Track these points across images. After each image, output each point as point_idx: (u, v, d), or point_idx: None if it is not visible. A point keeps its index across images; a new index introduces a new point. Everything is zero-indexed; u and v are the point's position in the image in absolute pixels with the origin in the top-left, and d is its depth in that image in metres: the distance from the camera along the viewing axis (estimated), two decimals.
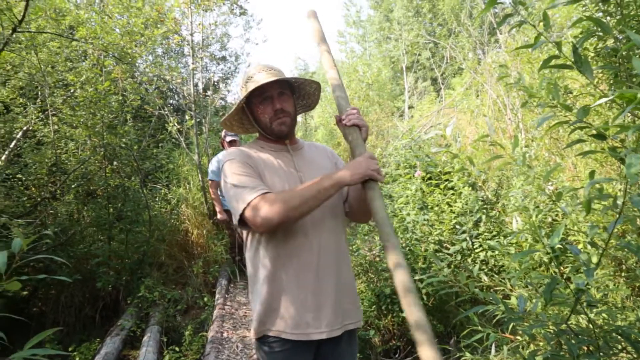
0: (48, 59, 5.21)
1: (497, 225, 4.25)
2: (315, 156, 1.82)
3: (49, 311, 4.96)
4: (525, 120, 6.50)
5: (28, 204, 5.03)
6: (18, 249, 1.18)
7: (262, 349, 1.67)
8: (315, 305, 1.60)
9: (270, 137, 1.75)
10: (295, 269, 1.62)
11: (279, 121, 1.69)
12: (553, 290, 1.57)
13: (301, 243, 1.62)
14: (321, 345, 1.65)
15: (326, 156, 1.86)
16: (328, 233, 1.67)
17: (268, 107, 1.68)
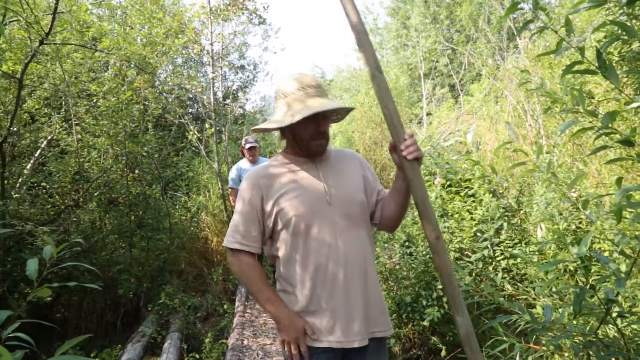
0: (72, 70, 5.32)
1: (519, 233, 4.18)
2: (343, 165, 1.80)
3: (72, 317, 5.03)
4: (546, 127, 6.40)
5: (52, 212, 5.13)
6: (49, 257, 1.20)
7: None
8: (345, 315, 1.61)
9: (302, 152, 1.72)
10: (322, 279, 1.62)
11: (318, 142, 1.67)
12: (582, 300, 1.53)
13: (327, 254, 1.62)
14: (348, 353, 1.65)
15: (355, 165, 1.82)
16: (354, 243, 1.66)
17: (311, 126, 1.63)
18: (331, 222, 1.63)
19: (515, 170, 5.76)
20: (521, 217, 4.20)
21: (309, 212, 1.62)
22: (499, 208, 4.29)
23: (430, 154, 5.86)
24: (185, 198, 7.29)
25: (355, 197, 1.71)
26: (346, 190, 1.70)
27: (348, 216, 1.66)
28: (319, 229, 1.63)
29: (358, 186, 1.75)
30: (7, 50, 4.32)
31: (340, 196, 1.68)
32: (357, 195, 1.72)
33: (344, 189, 1.70)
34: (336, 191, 1.68)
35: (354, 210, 1.69)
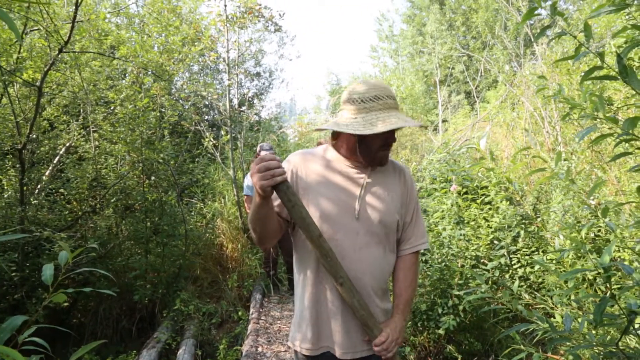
0: (90, 78, 5.41)
1: (536, 241, 4.12)
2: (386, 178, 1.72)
3: (88, 323, 5.07)
4: (564, 134, 6.32)
5: (69, 218, 5.20)
6: (64, 262, 1.21)
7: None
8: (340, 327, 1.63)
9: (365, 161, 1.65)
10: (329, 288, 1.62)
11: (384, 153, 1.63)
12: (603, 310, 1.49)
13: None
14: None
15: (399, 179, 1.74)
16: (370, 261, 1.63)
17: (382, 138, 1.59)
18: (354, 234, 1.60)
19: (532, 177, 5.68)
20: (538, 225, 4.14)
21: (333, 216, 1.60)
22: (516, 216, 4.23)
23: (446, 161, 5.82)
24: (200, 204, 7.34)
25: (385, 220, 1.64)
26: (379, 212, 1.63)
27: (373, 234, 1.62)
28: (340, 237, 1.60)
29: (394, 209, 1.68)
30: (27, 58, 4.41)
31: (371, 216, 1.62)
32: (388, 218, 1.65)
33: (378, 209, 1.64)
34: (369, 210, 1.63)
35: (380, 230, 1.64)
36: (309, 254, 1.64)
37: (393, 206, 1.67)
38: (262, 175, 1.38)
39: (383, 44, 23.15)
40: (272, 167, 1.39)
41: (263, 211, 1.50)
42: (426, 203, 5.25)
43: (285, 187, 1.43)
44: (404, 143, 10.46)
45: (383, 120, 1.53)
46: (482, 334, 4.04)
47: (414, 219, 1.75)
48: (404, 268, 1.74)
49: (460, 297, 3.67)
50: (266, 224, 1.55)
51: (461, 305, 3.67)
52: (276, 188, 1.42)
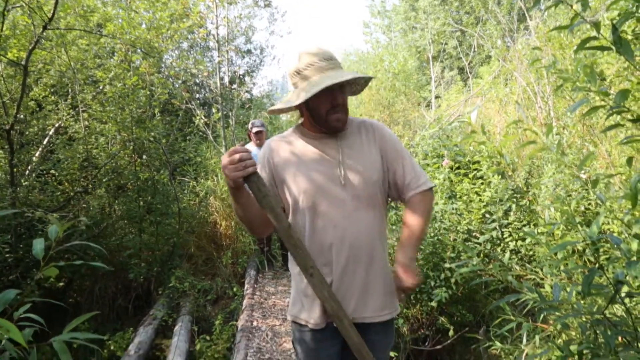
0: (77, 57, 5.31)
1: (527, 215, 4.16)
2: (363, 141, 1.70)
3: (84, 302, 5.11)
4: (556, 108, 6.33)
5: (61, 199, 5.18)
6: (55, 236, 1.21)
7: (294, 332, 1.76)
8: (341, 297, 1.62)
9: (322, 128, 1.65)
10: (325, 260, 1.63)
11: (336, 116, 1.60)
12: (591, 281, 1.52)
13: (332, 235, 1.61)
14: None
15: (375, 139, 1.71)
16: (363, 225, 1.62)
17: (327, 100, 1.58)
18: (341, 203, 1.60)
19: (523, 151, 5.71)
20: (530, 199, 4.18)
21: (318, 190, 1.59)
22: (508, 190, 4.27)
23: (439, 136, 5.83)
24: (193, 183, 7.33)
25: (370, 178, 1.63)
26: (362, 171, 1.62)
27: (360, 197, 1.61)
28: (328, 207, 1.60)
29: (375, 165, 1.65)
30: (10, 36, 4.31)
31: (356, 178, 1.61)
32: (372, 175, 1.63)
33: (360, 169, 1.62)
34: (352, 172, 1.62)
35: (368, 191, 1.63)
36: (302, 229, 1.65)
37: (373, 164, 1.65)
38: (235, 167, 1.39)
39: (375, 20, 22.88)
40: (244, 158, 1.39)
41: (242, 200, 1.52)
42: None
43: (256, 177, 1.44)
44: (397, 119, 10.45)
45: (316, 83, 1.53)
46: (473, 305, 4.11)
47: (404, 165, 1.70)
48: (411, 207, 1.68)
49: (452, 270, 3.72)
50: (251, 212, 1.56)
51: (453, 278, 3.73)
52: (247, 179, 1.43)
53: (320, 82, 1.52)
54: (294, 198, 1.63)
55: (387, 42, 21.72)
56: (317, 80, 1.54)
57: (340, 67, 1.62)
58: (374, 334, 1.69)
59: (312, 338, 1.69)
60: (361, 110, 11.22)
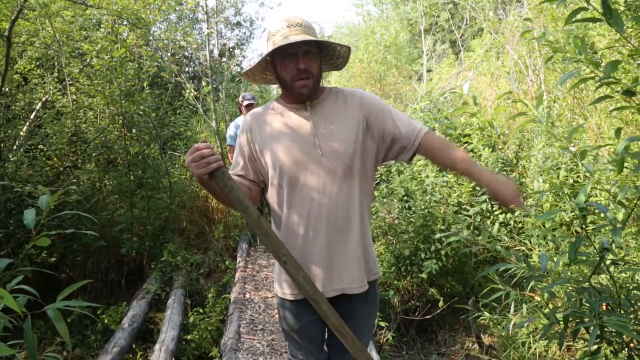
0: (63, 29, 5.19)
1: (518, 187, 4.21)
2: (340, 110, 1.66)
3: (77, 277, 5.12)
4: (547, 81, 6.33)
5: (51, 174, 5.13)
6: (45, 206, 1.21)
7: (278, 308, 1.83)
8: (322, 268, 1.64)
9: (291, 96, 1.64)
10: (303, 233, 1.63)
11: (301, 83, 1.56)
12: (577, 249, 1.55)
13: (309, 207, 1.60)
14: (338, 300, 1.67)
15: (353, 107, 1.67)
16: (342, 197, 1.60)
17: (291, 65, 1.56)
18: (318, 174, 1.57)
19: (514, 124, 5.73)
20: (519, 172, 4.22)
21: (295, 162, 1.58)
22: (498, 162, 4.30)
23: (430, 109, 5.82)
24: (184, 157, 7.28)
25: (346, 149, 1.59)
26: (339, 141, 1.59)
27: (337, 168, 1.58)
28: (305, 180, 1.58)
29: (353, 135, 1.61)
30: None
31: (332, 147, 1.58)
32: (348, 147, 1.59)
33: (336, 138, 1.59)
34: (327, 141, 1.59)
35: (345, 161, 1.59)
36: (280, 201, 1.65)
37: (349, 135, 1.61)
38: (197, 164, 1.39)
39: None
40: (206, 155, 1.39)
41: (213, 191, 1.55)
42: None
43: (221, 173, 1.43)
44: (388, 92, 10.40)
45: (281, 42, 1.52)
46: (463, 277, 4.19)
47: (394, 119, 1.65)
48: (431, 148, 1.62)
49: (442, 242, 3.77)
50: (226, 199, 1.55)
51: (443, 250, 3.78)
52: (212, 174, 1.42)
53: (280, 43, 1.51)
54: (272, 170, 1.62)
55: (379, 15, 21.42)
56: (280, 41, 1.53)
57: (308, 33, 1.57)
58: (356, 303, 1.71)
59: (293, 309, 1.72)
60: (352, 83, 11.15)
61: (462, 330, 4.14)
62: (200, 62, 7.63)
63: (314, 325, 1.74)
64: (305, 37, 1.51)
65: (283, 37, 1.54)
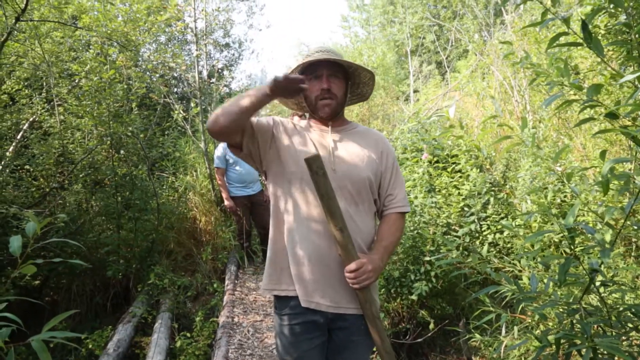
0: (52, 49, 5.19)
1: (505, 207, 4.24)
2: (360, 139, 1.78)
3: (61, 300, 5.01)
4: (532, 102, 6.44)
5: (37, 195, 5.06)
6: (32, 233, 1.19)
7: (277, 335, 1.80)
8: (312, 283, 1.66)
9: (315, 115, 1.77)
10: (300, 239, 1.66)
11: (324, 102, 1.69)
12: (567, 270, 1.56)
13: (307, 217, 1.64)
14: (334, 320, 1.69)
15: (374, 143, 1.80)
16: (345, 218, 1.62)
17: (316, 85, 1.69)
18: None
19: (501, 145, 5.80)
20: (507, 192, 4.25)
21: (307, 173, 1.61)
22: (486, 183, 4.33)
23: (417, 130, 5.87)
24: (172, 178, 7.24)
25: (360, 174, 1.68)
26: (354, 165, 1.69)
27: (346, 188, 1.66)
28: (312, 193, 1.64)
29: (369, 165, 1.72)
30: None
31: (347, 168, 1.68)
32: (362, 172, 1.69)
33: (352, 162, 1.70)
34: (343, 162, 1.69)
35: (356, 185, 1.68)
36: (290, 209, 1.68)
37: (367, 163, 1.72)
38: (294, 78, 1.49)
39: (354, 14, 22.91)
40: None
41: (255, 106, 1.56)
42: None
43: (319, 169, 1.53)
44: (376, 113, 10.49)
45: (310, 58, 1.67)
46: (453, 298, 4.17)
47: (395, 179, 1.79)
48: (387, 222, 1.77)
49: (432, 264, 3.76)
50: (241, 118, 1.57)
51: (433, 271, 3.77)
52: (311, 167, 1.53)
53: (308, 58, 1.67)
54: (284, 175, 1.69)
55: (366, 36, 21.76)
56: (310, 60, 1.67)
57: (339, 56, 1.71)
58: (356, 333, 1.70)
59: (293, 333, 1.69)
60: None
61: (454, 352, 4.11)
62: (189, 83, 7.64)
63: (314, 352, 1.71)
64: (333, 56, 1.65)
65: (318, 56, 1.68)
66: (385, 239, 1.72)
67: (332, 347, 1.73)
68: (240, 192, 5.27)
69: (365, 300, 1.61)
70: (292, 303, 1.67)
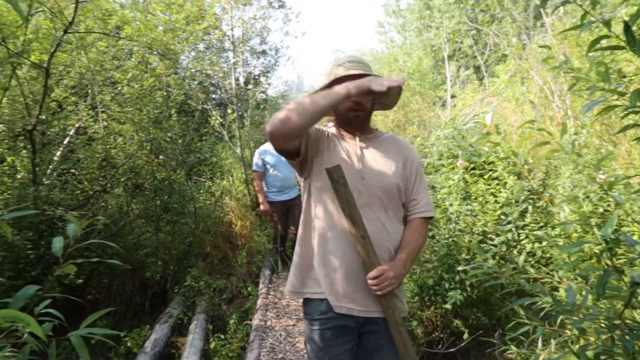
0: (96, 58, 5.40)
1: (544, 216, 4.12)
2: (385, 147, 1.82)
3: (102, 299, 5.19)
4: (574, 107, 6.25)
5: (81, 197, 5.27)
6: (73, 234, 1.26)
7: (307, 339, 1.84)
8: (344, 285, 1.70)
9: (343, 125, 1.82)
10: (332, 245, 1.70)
11: (354, 114, 1.74)
12: (606, 283, 1.50)
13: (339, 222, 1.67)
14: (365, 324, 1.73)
15: (399, 150, 1.84)
16: (373, 222, 1.68)
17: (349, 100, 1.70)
18: (356, 194, 1.65)
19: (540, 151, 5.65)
20: (546, 200, 4.13)
21: None
22: (524, 191, 4.22)
23: (454, 136, 5.79)
24: (209, 183, 7.39)
25: (388, 181, 1.73)
26: (382, 173, 1.73)
27: (375, 195, 1.70)
28: None
29: (397, 172, 1.76)
30: (34, 40, 4.41)
31: (373, 177, 1.71)
32: (391, 178, 1.74)
33: (378, 171, 1.73)
34: (371, 171, 1.72)
35: (385, 192, 1.72)
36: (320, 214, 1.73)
37: (393, 170, 1.76)
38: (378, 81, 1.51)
39: (390, 19, 22.79)
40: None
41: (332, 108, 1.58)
42: (433, 179, 5.25)
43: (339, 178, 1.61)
44: (412, 119, 10.40)
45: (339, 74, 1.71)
46: (489, 308, 4.08)
47: (419, 185, 1.83)
48: (410, 228, 1.80)
49: (467, 272, 3.70)
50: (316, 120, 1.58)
51: (468, 280, 3.70)
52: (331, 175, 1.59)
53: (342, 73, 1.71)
54: (317, 178, 1.74)
55: (402, 42, 21.62)
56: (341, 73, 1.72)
57: (366, 71, 1.73)
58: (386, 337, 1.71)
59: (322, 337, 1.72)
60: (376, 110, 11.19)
61: None
62: (226, 89, 7.79)
63: (345, 356, 1.73)
64: (361, 72, 1.69)
65: (344, 70, 1.72)
66: (409, 245, 1.74)
67: (362, 351, 1.74)
68: (277, 197, 5.33)
69: (388, 307, 1.61)
70: (323, 308, 1.69)
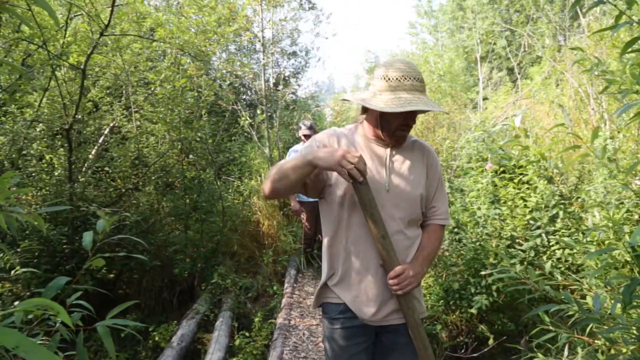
0: (131, 60, 5.56)
1: (576, 222, 4.01)
2: (409, 155, 1.77)
3: (132, 294, 5.34)
4: (609, 110, 6.06)
5: (114, 194, 5.43)
6: (102, 229, 1.32)
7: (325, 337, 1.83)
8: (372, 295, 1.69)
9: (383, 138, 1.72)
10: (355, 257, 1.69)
11: (402, 133, 1.70)
12: (633, 292, 1.47)
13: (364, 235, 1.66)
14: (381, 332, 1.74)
15: (421, 156, 1.79)
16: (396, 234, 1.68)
17: (401, 118, 1.64)
18: (381, 207, 1.64)
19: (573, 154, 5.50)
20: (577, 206, 4.03)
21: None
22: (554, 195, 4.13)
23: (483, 139, 5.70)
24: (237, 182, 7.50)
25: (413, 192, 1.71)
26: (407, 184, 1.71)
27: (399, 206, 1.69)
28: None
29: (419, 183, 1.74)
30: (72, 43, 4.59)
31: (398, 188, 1.69)
32: (416, 189, 1.72)
33: (404, 182, 1.71)
34: (397, 183, 1.70)
35: (407, 203, 1.70)
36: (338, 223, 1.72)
37: (417, 181, 1.73)
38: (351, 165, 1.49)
39: (422, 20, 22.58)
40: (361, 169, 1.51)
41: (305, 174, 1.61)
42: (462, 182, 5.19)
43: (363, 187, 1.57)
44: (441, 121, 10.28)
45: (406, 101, 1.56)
46: (515, 314, 4.00)
47: (438, 191, 1.81)
48: (428, 232, 1.80)
49: (493, 276, 3.64)
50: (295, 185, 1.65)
51: (494, 285, 3.65)
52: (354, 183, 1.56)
53: (406, 104, 1.56)
54: (338, 192, 1.70)
55: (434, 43, 21.41)
56: (406, 98, 1.57)
57: (425, 90, 1.66)
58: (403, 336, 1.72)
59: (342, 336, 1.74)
60: None
61: None
62: (256, 90, 7.89)
63: (362, 355, 1.74)
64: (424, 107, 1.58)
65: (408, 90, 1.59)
66: (427, 248, 1.74)
67: (380, 349, 1.75)
68: (307, 198, 5.38)
69: (408, 307, 1.62)
70: (342, 307, 1.71)
